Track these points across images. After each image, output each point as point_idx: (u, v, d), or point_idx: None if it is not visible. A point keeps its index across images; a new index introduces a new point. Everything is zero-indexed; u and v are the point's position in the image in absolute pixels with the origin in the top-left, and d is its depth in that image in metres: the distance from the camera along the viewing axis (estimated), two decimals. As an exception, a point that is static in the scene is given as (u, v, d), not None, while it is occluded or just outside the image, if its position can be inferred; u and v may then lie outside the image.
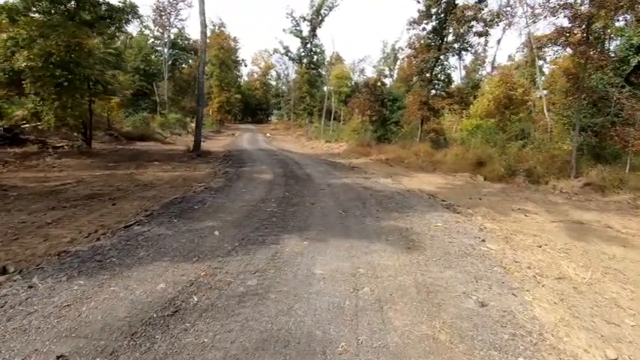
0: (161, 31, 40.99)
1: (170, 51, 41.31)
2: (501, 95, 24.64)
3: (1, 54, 11.89)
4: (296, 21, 41.78)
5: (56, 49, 11.40)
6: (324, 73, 47.84)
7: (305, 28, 42.48)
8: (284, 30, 43.40)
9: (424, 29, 19.97)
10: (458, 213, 7.51)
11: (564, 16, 11.42)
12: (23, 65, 11.47)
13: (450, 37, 19.62)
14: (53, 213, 6.01)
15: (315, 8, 41.01)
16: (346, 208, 7.03)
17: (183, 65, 44.76)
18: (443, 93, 21.34)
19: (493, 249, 5.23)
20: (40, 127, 14.46)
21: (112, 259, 3.84)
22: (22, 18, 11.97)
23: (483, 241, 5.58)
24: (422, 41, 21.22)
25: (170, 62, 41.83)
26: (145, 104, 31.93)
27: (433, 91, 21.59)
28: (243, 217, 5.94)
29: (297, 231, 5.32)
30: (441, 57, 20.11)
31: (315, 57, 44.46)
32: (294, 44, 76.25)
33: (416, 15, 19.45)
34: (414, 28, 20.03)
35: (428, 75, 21.97)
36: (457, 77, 36.98)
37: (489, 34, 18.17)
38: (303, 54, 43.95)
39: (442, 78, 21.12)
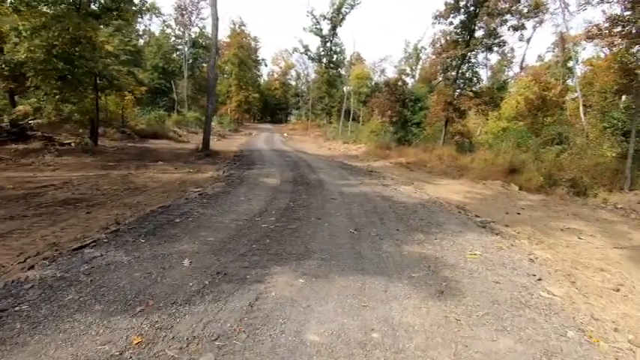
0: (182, 30, 40.74)
1: (190, 50, 40.99)
2: (534, 96, 22.63)
3: (8, 47, 11.24)
4: (316, 19, 40.64)
5: (59, 41, 10.61)
6: (343, 72, 46.51)
7: (325, 27, 41.29)
8: (304, 28, 42.29)
9: (451, 23, 18.34)
10: (497, 234, 6.06)
11: (622, 2, 9.66)
12: (23, 57, 10.75)
13: (480, 32, 17.89)
14: (9, 224, 4.99)
15: (336, 6, 39.73)
16: (360, 226, 5.72)
17: (204, 64, 44.37)
18: (470, 93, 19.60)
19: (557, 295, 3.80)
20: (41, 122, 13.87)
21: (20, 308, 2.69)
22: (26, 8, 11.26)
23: (540, 280, 4.15)
24: (447, 37, 19.57)
25: (190, 61, 41.54)
26: (163, 102, 31.50)
27: (459, 91, 19.87)
28: (230, 237, 4.73)
29: (293, 260, 4.06)
30: (469, 54, 18.40)
31: (335, 56, 43.13)
32: (314, 43, 75.15)
33: (442, 8, 17.82)
34: (439, 23, 18.41)
35: (453, 73, 20.30)
36: (483, 77, 34.83)
37: (525, 28, 16.33)
38: (322, 53, 42.73)
39: (469, 76, 19.39)
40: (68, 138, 15.14)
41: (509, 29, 16.34)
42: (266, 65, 59.40)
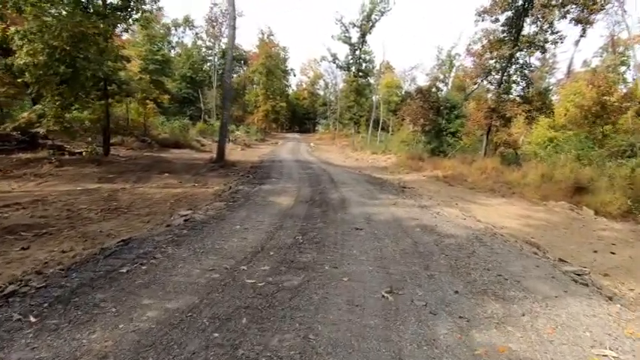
0: (212, 41, 40.55)
1: (220, 61, 40.67)
2: (590, 102, 19.55)
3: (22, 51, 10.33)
4: (345, 27, 39.05)
5: (60, 42, 9.49)
6: (372, 82, 44.60)
7: (354, 35, 39.58)
8: (332, 37, 40.73)
9: (496, 20, 15.95)
10: (610, 299, 3.83)
11: None
12: (23, 62, 9.74)
13: (531, 29, 15.38)
14: None
15: (365, 13, 38.01)
16: (396, 282, 3.71)
17: (233, 75, 44.04)
18: (517, 98, 17.01)
19: None
20: (57, 129, 12.94)
21: None
22: (29, 8, 10.31)
23: None
24: (491, 37, 17.15)
25: (220, 71, 41.24)
26: (191, 111, 30.89)
27: (504, 96, 17.32)
28: (187, 308, 2.89)
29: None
30: (518, 53, 15.91)
31: (364, 65, 41.27)
32: (343, 52, 73.51)
33: (487, 3, 15.52)
34: (482, 20, 16.09)
35: (497, 77, 17.82)
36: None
37: (591, 24, 13.61)
38: (351, 61, 40.99)
39: (516, 79, 16.83)
40: (81, 147, 14.22)
41: (570, 22, 13.70)
42: (294, 75, 58.64)
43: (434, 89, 25.22)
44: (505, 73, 17.12)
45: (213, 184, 9.87)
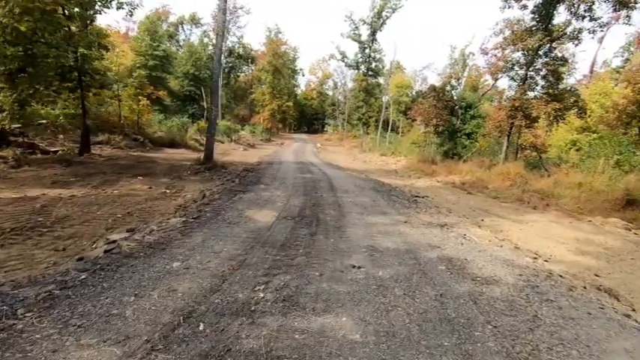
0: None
1: (227, 59, 39.17)
2: (624, 100, 17.25)
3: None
4: (355, 24, 37.09)
5: (9, 20, 7.88)
6: (382, 82, 42.55)
7: (364, 32, 37.58)
8: (342, 34, 38.65)
9: (524, 7, 13.88)
10: None
11: None
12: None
13: (563, 18, 13.26)
14: None
15: (376, 10, 36.01)
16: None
17: (239, 73, 42.52)
18: (544, 95, 14.87)
19: None
20: (44, 124, 11.43)
21: None
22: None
23: None
24: (515, 27, 15.05)
25: (227, 70, 39.75)
26: (193, 109, 29.36)
27: (530, 93, 15.22)
28: None
29: None
30: (548, 45, 13.81)
31: (374, 63, 39.23)
32: (352, 50, 70.87)
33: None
34: (509, 7, 14.03)
35: (521, 72, 15.74)
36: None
37: (637, 4, 11.46)
38: (360, 60, 39.00)
39: (545, 74, 14.71)
40: (56, 145, 12.70)
41: (615, 5, 11.54)
42: (303, 75, 56.83)
43: (448, 87, 23.12)
44: (531, 68, 15.01)
45: (189, 190, 8.14)
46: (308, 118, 63.12)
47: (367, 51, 38.60)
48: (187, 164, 12.28)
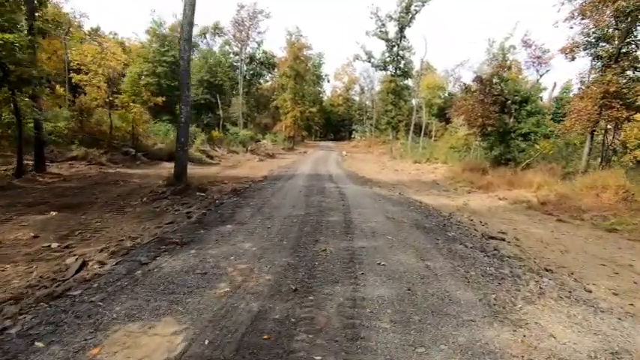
0: (240, 46, 36.75)
1: (247, 66, 36.73)
2: None
3: None
4: (381, 21, 33.14)
5: None
6: (411, 84, 38.08)
7: (392, 29, 33.49)
8: (367, 33, 34.81)
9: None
10: None
11: None
12: None
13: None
14: None
15: (404, 4, 31.89)
16: None
17: (260, 81, 39.91)
18: (651, 76, 10.26)
19: None
20: None
21: None
22: None
23: None
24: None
25: (248, 77, 37.30)
26: (208, 118, 26.77)
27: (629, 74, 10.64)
28: None
29: None
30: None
31: (403, 62, 34.96)
32: (379, 49, 65.64)
33: None
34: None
35: (610, 47, 11.23)
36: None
37: None
38: (388, 59, 34.90)
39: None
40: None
41: None
42: (328, 81, 53.38)
43: (495, 79, 18.60)
44: (629, 38, 10.46)
45: (99, 240, 4.75)
46: (334, 124, 59.53)
47: (395, 49, 34.42)
48: (154, 187, 8.98)
